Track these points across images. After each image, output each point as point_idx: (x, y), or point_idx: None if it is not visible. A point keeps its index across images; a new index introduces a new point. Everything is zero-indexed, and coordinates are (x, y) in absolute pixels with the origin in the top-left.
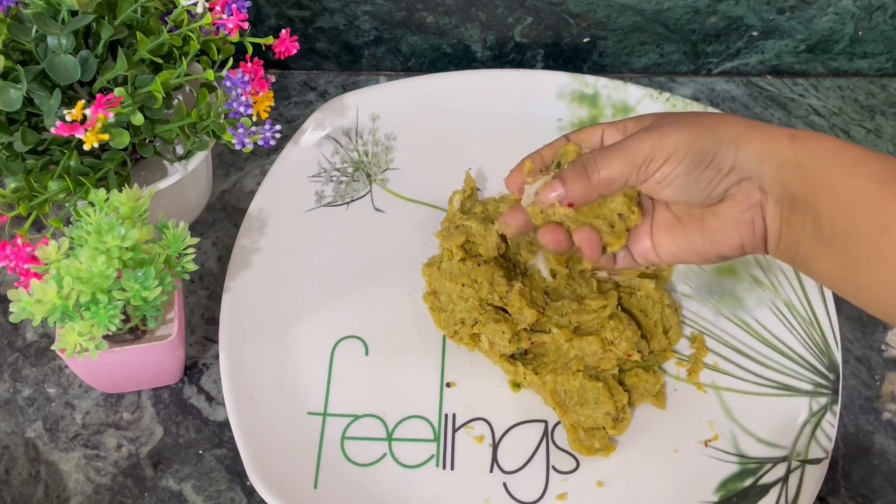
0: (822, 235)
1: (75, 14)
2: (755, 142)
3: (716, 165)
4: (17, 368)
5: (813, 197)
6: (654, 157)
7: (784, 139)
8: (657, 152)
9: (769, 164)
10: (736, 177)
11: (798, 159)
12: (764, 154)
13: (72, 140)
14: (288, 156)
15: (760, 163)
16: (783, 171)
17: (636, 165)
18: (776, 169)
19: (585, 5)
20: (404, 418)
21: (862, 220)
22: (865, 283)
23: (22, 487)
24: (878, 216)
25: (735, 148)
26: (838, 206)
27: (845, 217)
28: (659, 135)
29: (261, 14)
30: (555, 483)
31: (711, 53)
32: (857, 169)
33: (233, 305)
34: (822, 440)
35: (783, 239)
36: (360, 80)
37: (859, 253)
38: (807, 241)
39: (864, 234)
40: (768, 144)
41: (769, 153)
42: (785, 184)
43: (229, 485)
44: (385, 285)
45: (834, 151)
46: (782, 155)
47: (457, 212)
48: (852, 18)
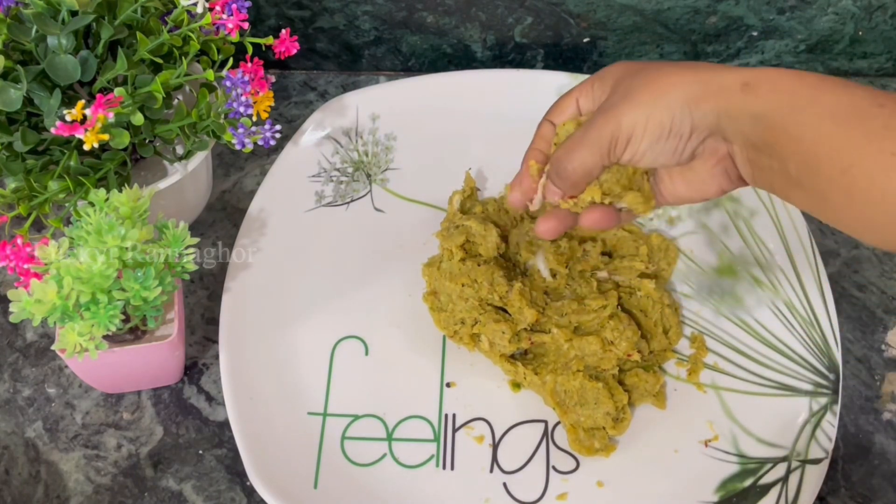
0: (790, 176)
1: (75, 14)
2: (707, 100)
3: (676, 133)
4: (17, 368)
5: (775, 143)
6: (618, 141)
7: (736, 90)
8: (618, 136)
9: (726, 119)
10: (698, 137)
11: (753, 110)
12: (718, 111)
13: (72, 140)
14: (288, 156)
15: (718, 119)
16: (741, 123)
17: (603, 153)
18: (734, 122)
19: (585, 5)
20: (404, 418)
21: (823, 162)
22: (839, 217)
23: (22, 487)
24: (839, 158)
25: (689, 112)
26: (799, 150)
27: (808, 161)
28: (615, 116)
29: (261, 14)
30: (555, 483)
31: (711, 53)
32: (813, 109)
33: (233, 305)
34: (822, 440)
35: (756, 180)
36: (360, 80)
37: (828, 190)
38: (778, 181)
39: (828, 175)
40: (720, 101)
41: (723, 109)
42: (745, 134)
43: (229, 485)
44: (385, 285)
45: (788, 92)
46: (737, 108)
47: (457, 212)
48: (852, 18)
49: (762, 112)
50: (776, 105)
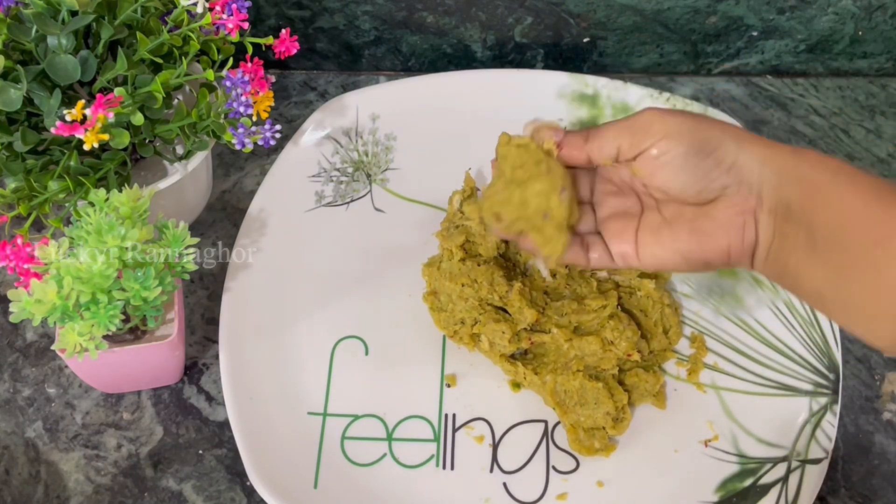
0: (815, 247)
1: (75, 14)
2: (758, 146)
3: (717, 157)
4: (17, 368)
5: (810, 206)
6: (652, 129)
7: (786, 149)
8: (656, 124)
9: (770, 170)
10: (735, 176)
11: (798, 170)
12: (765, 158)
13: (72, 140)
14: (288, 156)
15: (762, 167)
16: (782, 178)
17: (632, 131)
18: (776, 175)
19: (585, 5)
20: (404, 418)
21: (857, 231)
22: (855, 295)
23: (22, 487)
24: (875, 229)
25: (737, 147)
26: (834, 217)
27: (840, 228)
28: (661, 112)
29: (261, 14)
30: (555, 483)
31: (711, 53)
32: (854, 185)
33: (233, 305)
34: (822, 440)
35: (773, 250)
36: (360, 80)
37: (852, 264)
38: (798, 253)
39: (859, 245)
40: (770, 150)
41: (770, 158)
42: (782, 191)
43: (229, 485)
44: (385, 285)
45: (832, 168)
46: (783, 162)
47: (457, 212)
48: (852, 18)
49: (805, 174)
50: (819, 172)
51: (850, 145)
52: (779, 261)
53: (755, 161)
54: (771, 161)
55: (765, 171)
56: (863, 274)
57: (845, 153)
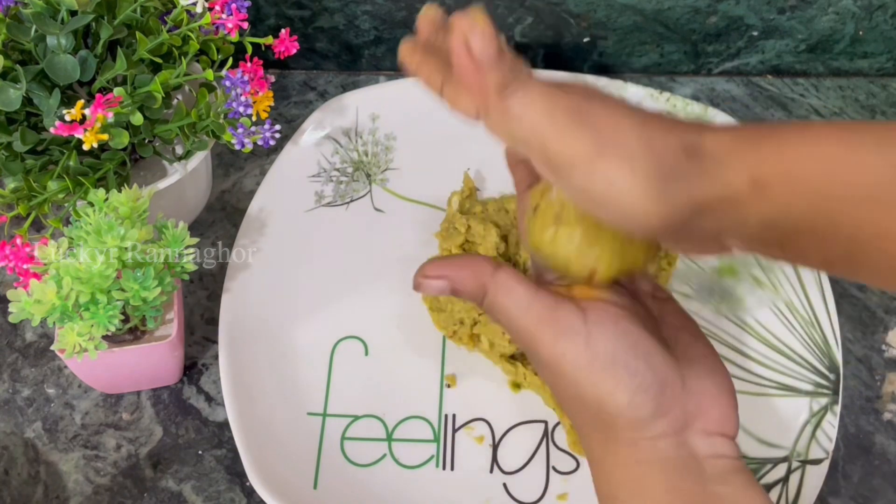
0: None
1: (75, 14)
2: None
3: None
4: (17, 369)
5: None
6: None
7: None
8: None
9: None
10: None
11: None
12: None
13: (71, 140)
14: (288, 156)
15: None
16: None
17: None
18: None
19: (585, 5)
20: (404, 419)
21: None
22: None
23: (21, 488)
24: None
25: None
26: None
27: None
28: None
29: (260, 14)
30: (555, 483)
31: (712, 53)
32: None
33: (233, 305)
34: (822, 440)
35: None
36: (360, 80)
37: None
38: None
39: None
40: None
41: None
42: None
43: (229, 485)
44: (385, 285)
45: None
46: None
47: (456, 213)
48: (853, 18)
49: (779, 217)
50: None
51: None
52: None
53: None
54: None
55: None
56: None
57: None
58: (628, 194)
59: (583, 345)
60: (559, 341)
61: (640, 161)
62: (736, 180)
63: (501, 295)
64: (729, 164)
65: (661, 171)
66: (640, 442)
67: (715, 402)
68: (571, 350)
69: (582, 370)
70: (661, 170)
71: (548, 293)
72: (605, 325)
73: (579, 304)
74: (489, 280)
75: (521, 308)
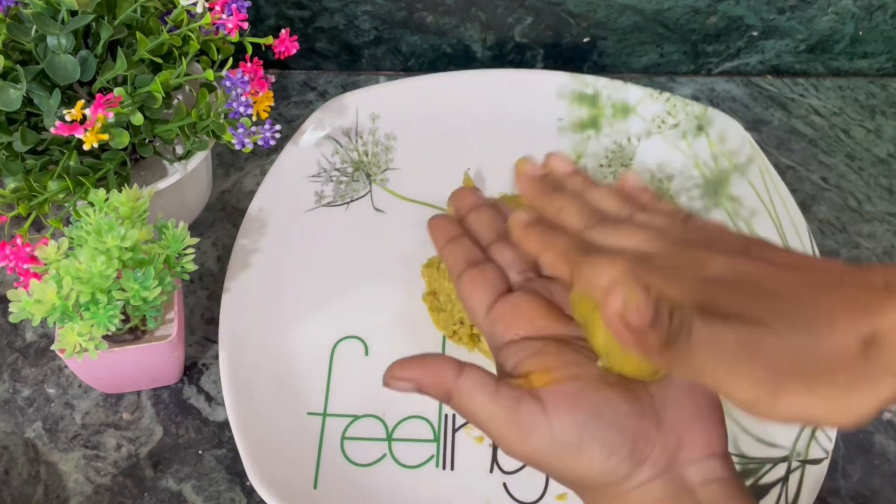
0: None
1: (75, 14)
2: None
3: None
4: (17, 368)
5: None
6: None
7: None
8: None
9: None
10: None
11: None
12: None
13: (71, 140)
14: (288, 156)
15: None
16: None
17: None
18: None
19: (585, 5)
20: (404, 418)
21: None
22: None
23: (21, 488)
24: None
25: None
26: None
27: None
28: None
29: (261, 14)
30: (555, 483)
31: (711, 53)
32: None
33: (233, 305)
34: (822, 440)
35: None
36: (360, 80)
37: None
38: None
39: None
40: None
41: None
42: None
43: (229, 485)
44: (385, 285)
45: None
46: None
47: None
48: (852, 18)
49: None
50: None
51: (850, 145)
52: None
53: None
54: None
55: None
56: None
57: (845, 153)
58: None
59: (548, 437)
60: (526, 439)
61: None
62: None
63: (465, 399)
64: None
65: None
66: (628, 494)
67: (695, 425)
68: (539, 444)
69: (552, 458)
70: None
71: (508, 391)
72: (564, 412)
73: (538, 395)
74: (452, 385)
75: (485, 413)
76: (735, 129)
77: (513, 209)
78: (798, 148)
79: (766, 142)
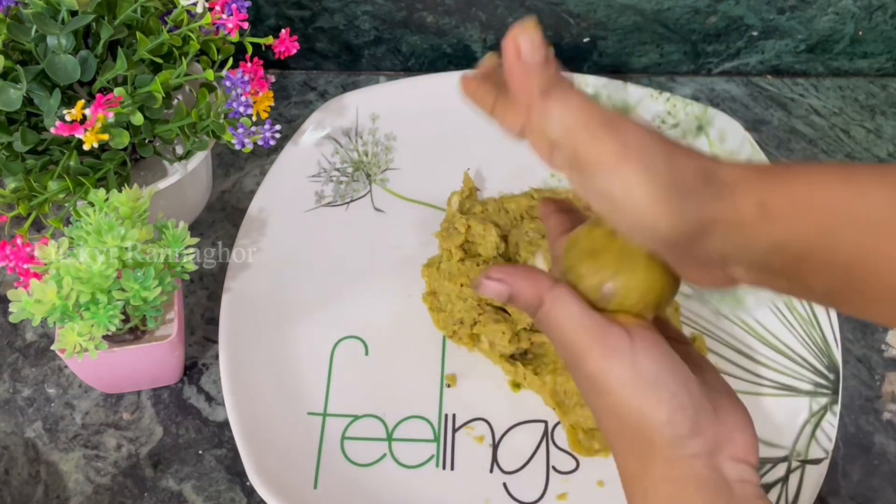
0: (815, 293)
1: (75, 14)
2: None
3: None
4: (17, 368)
5: (799, 270)
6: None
7: (752, 217)
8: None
9: (735, 251)
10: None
11: (772, 240)
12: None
13: (71, 140)
14: (288, 156)
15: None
16: (754, 253)
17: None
18: (744, 251)
19: (585, 5)
20: (404, 418)
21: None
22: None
23: (22, 487)
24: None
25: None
26: (830, 273)
27: (842, 281)
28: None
29: (261, 14)
30: (555, 483)
31: (711, 53)
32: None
33: (233, 305)
34: (822, 440)
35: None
36: (360, 80)
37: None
38: (796, 293)
39: (875, 290)
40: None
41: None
42: (758, 261)
43: (229, 485)
44: (385, 285)
45: (814, 213)
46: (752, 239)
47: (455, 213)
48: (852, 18)
49: (783, 242)
50: (801, 231)
51: (850, 145)
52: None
53: (716, 243)
54: (734, 243)
55: (728, 252)
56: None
57: (845, 153)
58: (644, 200)
59: (629, 363)
60: (607, 358)
61: (660, 174)
62: (745, 205)
63: (557, 308)
64: (739, 191)
65: (678, 185)
66: (676, 459)
67: (740, 432)
68: (618, 367)
69: (626, 387)
70: (677, 185)
71: (598, 314)
72: (649, 349)
73: (626, 327)
74: (547, 293)
75: (574, 323)
76: (735, 129)
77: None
78: (798, 148)
79: (766, 142)
